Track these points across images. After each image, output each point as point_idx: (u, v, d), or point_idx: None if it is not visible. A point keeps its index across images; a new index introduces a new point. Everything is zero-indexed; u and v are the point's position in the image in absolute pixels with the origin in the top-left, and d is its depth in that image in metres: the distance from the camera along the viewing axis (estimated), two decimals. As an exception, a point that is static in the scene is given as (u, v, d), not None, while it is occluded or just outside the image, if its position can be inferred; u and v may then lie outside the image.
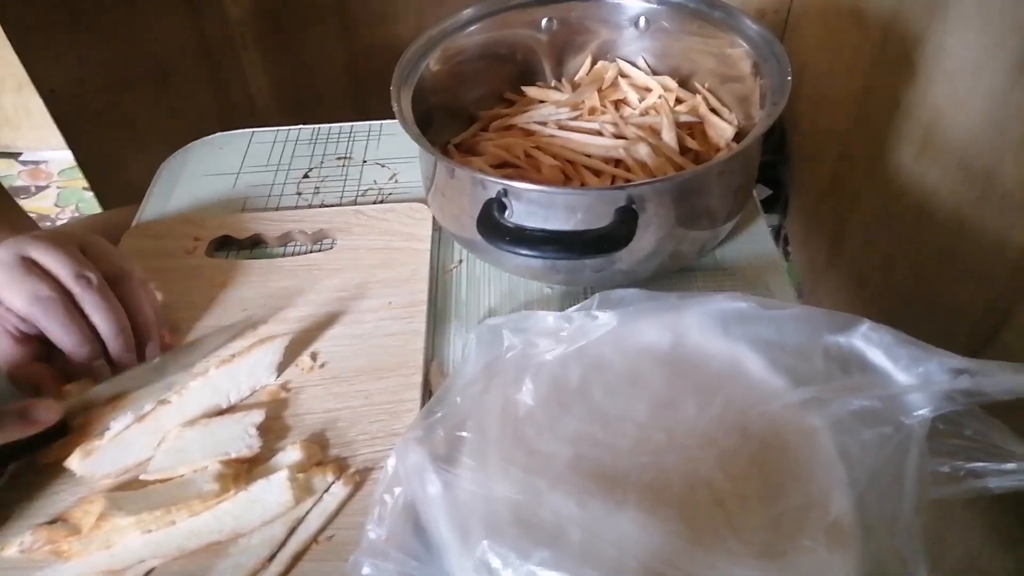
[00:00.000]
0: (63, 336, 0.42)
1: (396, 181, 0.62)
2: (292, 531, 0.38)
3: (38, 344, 0.43)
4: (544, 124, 0.58)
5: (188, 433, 0.41)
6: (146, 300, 0.46)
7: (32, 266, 0.42)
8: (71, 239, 0.45)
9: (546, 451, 0.39)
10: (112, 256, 0.46)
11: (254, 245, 0.57)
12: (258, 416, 0.42)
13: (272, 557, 0.37)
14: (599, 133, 0.56)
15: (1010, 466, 0.34)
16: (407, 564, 0.34)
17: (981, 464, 0.34)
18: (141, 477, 0.40)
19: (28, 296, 0.41)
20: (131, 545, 0.37)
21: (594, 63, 0.62)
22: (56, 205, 1.66)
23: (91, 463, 0.40)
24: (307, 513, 0.39)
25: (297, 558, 0.37)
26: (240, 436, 0.41)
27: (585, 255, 0.45)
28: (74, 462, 0.40)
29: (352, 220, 0.56)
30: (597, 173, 0.54)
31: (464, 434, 0.39)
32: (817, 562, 0.33)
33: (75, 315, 0.43)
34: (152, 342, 0.46)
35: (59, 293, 0.42)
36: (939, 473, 0.35)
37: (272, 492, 0.38)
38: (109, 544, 0.37)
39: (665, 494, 0.36)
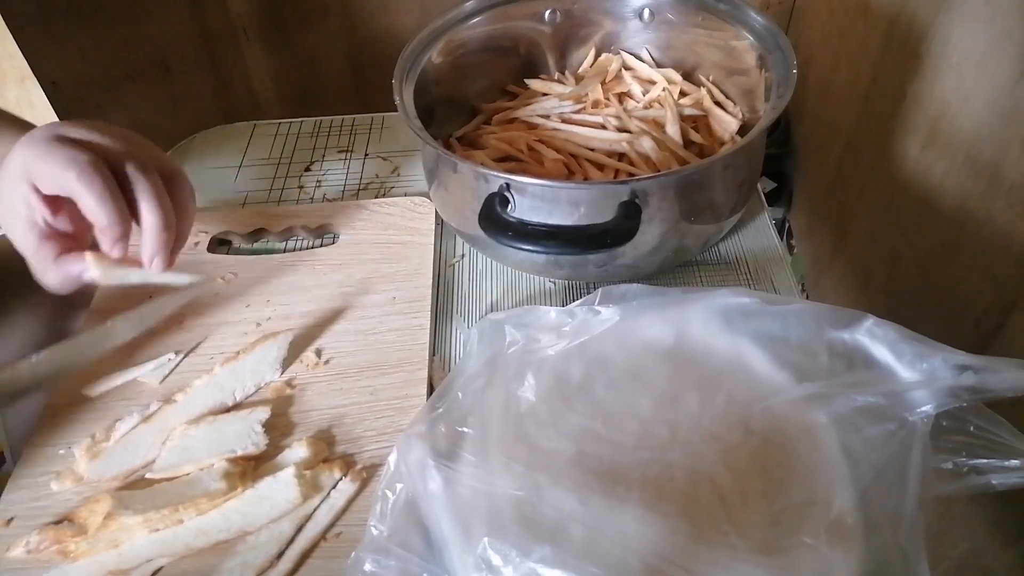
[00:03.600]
0: (99, 206, 0.37)
1: (398, 175, 0.62)
2: (300, 528, 0.38)
3: (66, 240, 0.40)
4: (547, 117, 0.57)
5: (193, 431, 0.41)
6: (191, 207, 0.42)
7: (70, 141, 0.37)
8: (115, 128, 0.40)
9: (548, 447, 0.39)
10: (161, 153, 0.41)
11: (256, 240, 0.57)
12: (264, 413, 0.43)
13: (280, 554, 0.37)
14: (602, 126, 0.56)
15: (1014, 463, 0.34)
16: (409, 560, 0.34)
17: (985, 461, 0.34)
18: (147, 476, 0.40)
19: (64, 161, 0.36)
20: (138, 544, 0.37)
21: (598, 55, 0.62)
22: (59, 197, 1.66)
23: (98, 465, 0.41)
24: (315, 510, 0.39)
25: (306, 555, 0.37)
26: (246, 433, 0.41)
27: (588, 250, 0.45)
28: (81, 465, 0.40)
29: (355, 214, 0.56)
30: (600, 167, 0.53)
31: (466, 430, 0.39)
32: (818, 559, 0.34)
33: (115, 187, 0.37)
34: (176, 252, 0.42)
35: (100, 159, 0.37)
36: (942, 469, 0.35)
37: (279, 489, 0.39)
38: (116, 543, 0.37)
39: (667, 490, 0.37)
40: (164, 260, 0.40)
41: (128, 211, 0.38)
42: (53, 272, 0.39)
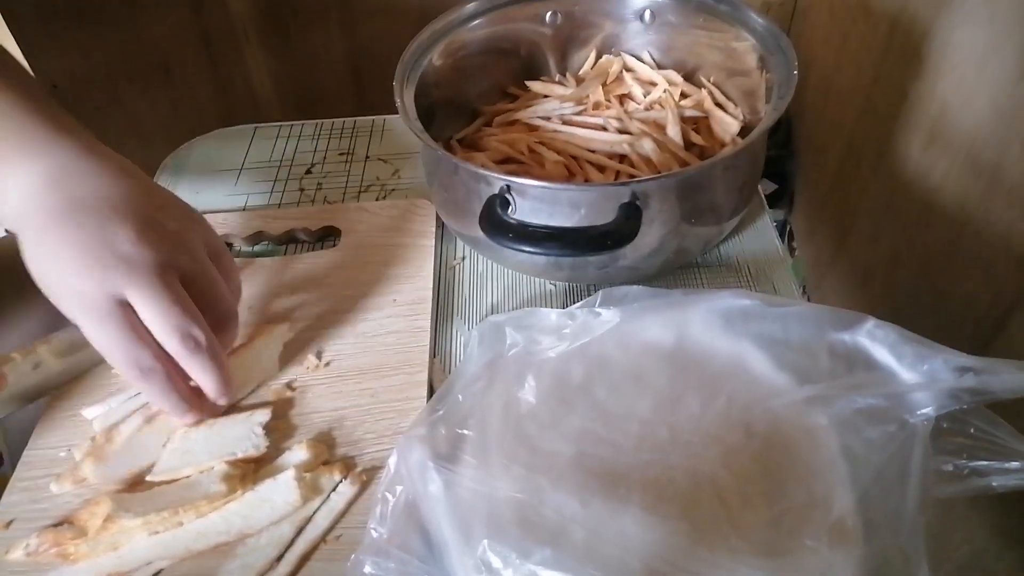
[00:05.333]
0: (162, 403, 0.39)
1: (399, 177, 0.62)
2: (300, 531, 0.38)
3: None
4: (548, 119, 0.58)
5: (194, 434, 0.41)
6: (234, 334, 0.42)
7: (132, 319, 0.36)
8: (173, 267, 0.37)
9: (548, 449, 0.39)
10: (222, 295, 0.40)
11: (256, 243, 0.57)
12: (264, 416, 0.43)
13: (280, 557, 0.37)
14: (603, 128, 0.56)
15: (1014, 465, 0.34)
16: (409, 563, 0.34)
17: (985, 463, 0.34)
18: (148, 478, 0.40)
19: (127, 363, 0.37)
20: (138, 547, 0.37)
21: (598, 57, 0.62)
22: (60, 199, 1.66)
23: (104, 469, 0.40)
24: (315, 513, 0.39)
25: (305, 558, 0.37)
26: (246, 436, 0.41)
27: (589, 252, 0.45)
28: (85, 468, 0.40)
29: (355, 217, 0.56)
30: (601, 169, 0.53)
31: (466, 432, 0.39)
32: (819, 561, 0.34)
33: (176, 382, 0.39)
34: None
35: (162, 363, 0.37)
36: (943, 471, 0.35)
37: (279, 492, 0.39)
38: (116, 546, 0.37)
39: (668, 492, 0.37)
40: (227, 399, 0.41)
41: (188, 395, 0.40)
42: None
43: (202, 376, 0.39)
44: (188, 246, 0.39)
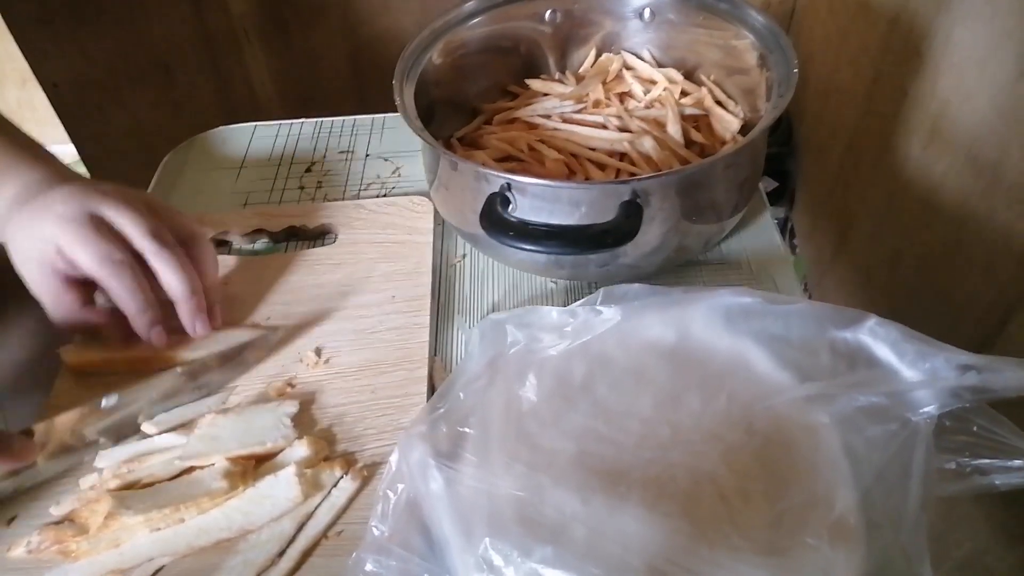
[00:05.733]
0: (128, 300, 0.42)
1: (399, 175, 0.62)
2: (301, 527, 0.38)
3: (84, 289, 0.43)
4: (548, 117, 0.57)
5: (222, 420, 0.42)
6: (213, 265, 0.46)
7: (102, 225, 0.42)
8: (139, 197, 0.44)
9: (549, 447, 0.39)
10: (180, 217, 0.46)
11: (256, 240, 0.57)
12: (292, 407, 0.43)
13: (282, 553, 0.37)
14: (603, 126, 0.56)
15: (1017, 463, 0.34)
16: (410, 561, 0.34)
17: (988, 461, 0.34)
18: (177, 461, 0.40)
19: (99, 257, 0.41)
20: (139, 543, 0.37)
21: (598, 55, 0.62)
22: (61, 198, 1.66)
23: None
24: (316, 509, 0.39)
25: (307, 554, 0.37)
26: (275, 426, 0.42)
27: (589, 250, 0.45)
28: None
29: (353, 214, 0.56)
30: (601, 167, 0.53)
31: (467, 430, 0.39)
32: (820, 559, 0.33)
33: (142, 279, 0.42)
34: (215, 308, 0.46)
35: (129, 256, 0.42)
36: (945, 470, 0.35)
37: (280, 488, 0.39)
38: (117, 543, 0.37)
39: (669, 490, 0.37)
40: (204, 323, 0.45)
41: (154, 298, 0.43)
42: (68, 313, 0.43)
43: (170, 274, 0.42)
44: (154, 201, 0.46)
